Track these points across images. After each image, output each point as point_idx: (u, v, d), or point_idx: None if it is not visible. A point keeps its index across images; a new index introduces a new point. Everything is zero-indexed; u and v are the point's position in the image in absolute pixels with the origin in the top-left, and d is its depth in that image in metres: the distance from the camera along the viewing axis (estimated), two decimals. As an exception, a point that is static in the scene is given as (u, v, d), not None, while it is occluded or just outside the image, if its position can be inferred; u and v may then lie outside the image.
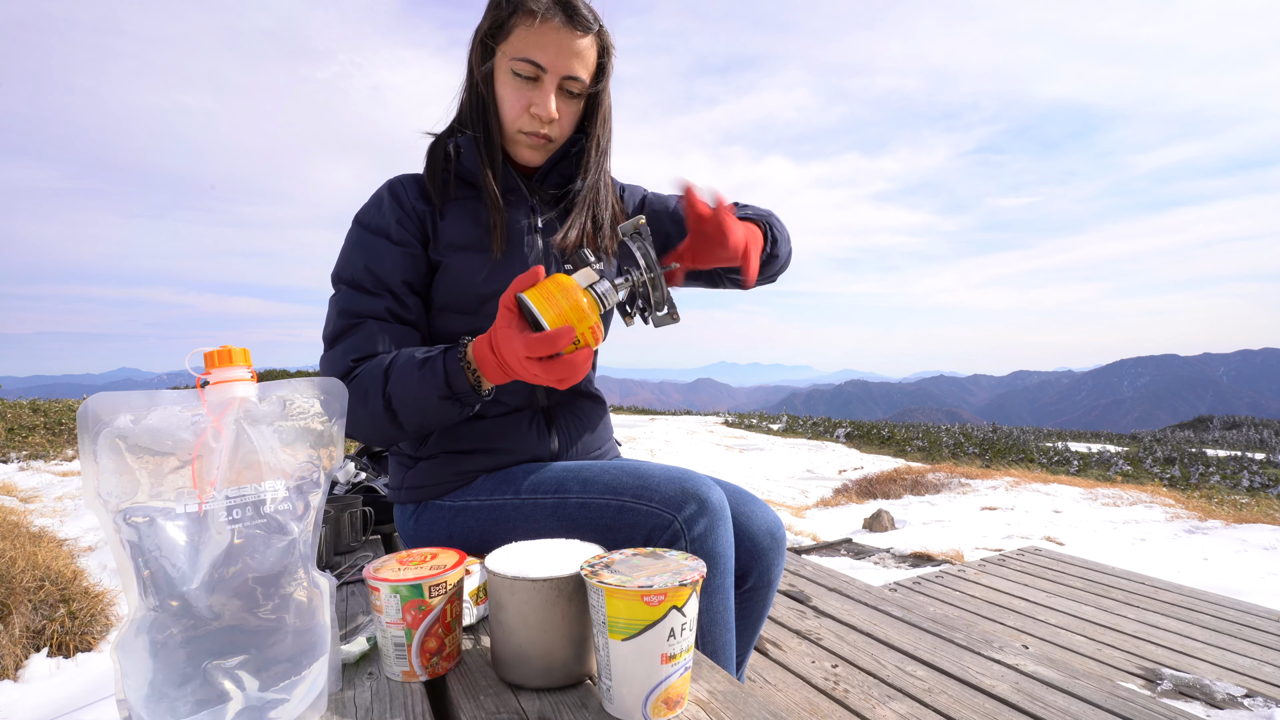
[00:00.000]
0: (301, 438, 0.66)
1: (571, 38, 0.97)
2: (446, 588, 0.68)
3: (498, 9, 0.99)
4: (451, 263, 1.03)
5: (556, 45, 0.97)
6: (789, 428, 25.10)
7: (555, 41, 0.96)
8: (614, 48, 1.05)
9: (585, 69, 1.01)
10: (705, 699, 0.65)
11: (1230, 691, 2.14)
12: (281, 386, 0.66)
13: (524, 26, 0.96)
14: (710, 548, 0.87)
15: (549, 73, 0.98)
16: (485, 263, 1.03)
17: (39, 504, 4.68)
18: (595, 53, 1.02)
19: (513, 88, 1.00)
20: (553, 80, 0.99)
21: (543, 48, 0.96)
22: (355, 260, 1.01)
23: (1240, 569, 4.23)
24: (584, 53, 0.99)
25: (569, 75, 0.99)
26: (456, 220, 1.04)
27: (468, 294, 1.03)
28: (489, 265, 1.03)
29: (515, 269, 1.04)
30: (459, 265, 1.03)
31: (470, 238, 1.04)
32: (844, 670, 1.81)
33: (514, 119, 1.02)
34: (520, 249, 1.06)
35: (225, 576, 0.59)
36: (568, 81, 1.00)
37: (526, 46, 0.97)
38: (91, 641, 2.57)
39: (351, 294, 1.00)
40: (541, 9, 0.95)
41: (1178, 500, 7.49)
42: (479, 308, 1.04)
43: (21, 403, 10.48)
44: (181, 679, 0.56)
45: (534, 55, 0.97)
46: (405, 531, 1.10)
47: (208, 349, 0.63)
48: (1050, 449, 23.28)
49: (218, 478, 0.60)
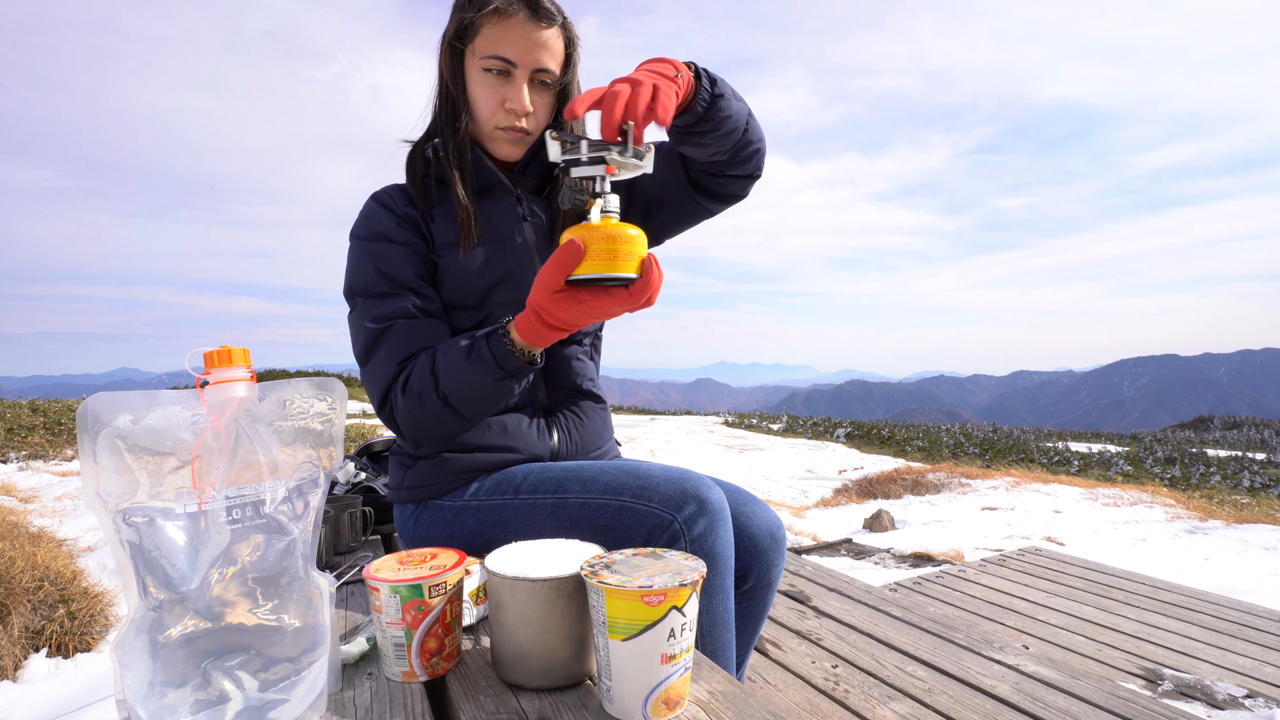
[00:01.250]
0: (301, 438, 0.66)
1: (538, 30, 0.99)
2: (446, 588, 0.68)
3: (462, 11, 1.01)
4: (446, 262, 1.05)
5: (524, 39, 0.99)
6: (789, 428, 25.10)
7: (522, 36, 0.98)
8: (579, 39, 1.07)
9: (554, 60, 1.03)
10: (705, 699, 0.65)
11: (1231, 692, 2.13)
12: (281, 387, 0.66)
13: (490, 25, 0.98)
14: (710, 548, 0.87)
15: (519, 67, 1.00)
16: (480, 256, 1.05)
17: (38, 504, 4.68)
18: (562, 44, 1.04)
19: (485, 85, 1.02)
20: (524, 74, 1.01)
21: (510, 43, 0.98)
22: (364, 269, 1.02)
23: (1241, 569, 4.23)
24: (551, 44, 1.01)
25: (539, 68, 1.01)
26: (445, 221, 1.06)
27: (468, 289, 1.05)
28: (482, 259, 1.05)
29: (509, 259, 1.06)
30: (454, 263, 1.05)
31: (457, 236, 1.05)
32: (844, 670, 1.81)
33: (489, 116, 1.03)
34: (512, 239, 1.08)
35: (225, 577, 0.59)
36: (539, 74, 1.02)
37: (494, 44, 0.99)
38: (91, 642, 2.57)
39: (371, 302, 1.01)
40: (505, 5, 0.97)
41: (1178, 500, 7.48)
42: (482, 302, 1.06)
43: (21, 403, 10.48)
44: (181, 679, 0.56)
45: (503, 51, 0.99)
46: (405, 531, 1.10)
47: (207, 349, 0.63)
48: (1050, 449, 23.27)
49: (217, 478, 0.60)
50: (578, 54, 1.08)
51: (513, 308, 1.04)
